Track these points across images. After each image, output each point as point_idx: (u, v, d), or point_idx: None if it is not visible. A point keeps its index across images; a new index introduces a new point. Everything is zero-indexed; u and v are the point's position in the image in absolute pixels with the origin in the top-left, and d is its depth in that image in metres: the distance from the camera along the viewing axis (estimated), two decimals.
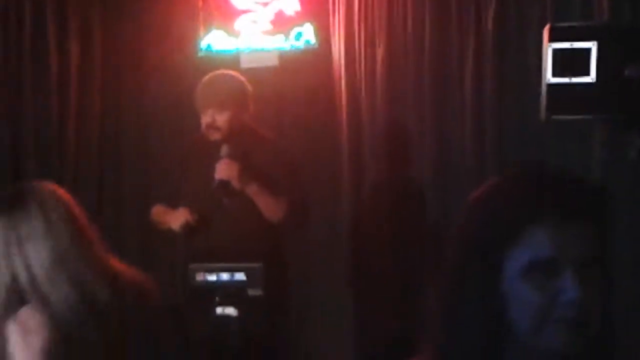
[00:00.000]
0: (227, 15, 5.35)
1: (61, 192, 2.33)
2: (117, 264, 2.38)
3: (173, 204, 4.11)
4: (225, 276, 3.76)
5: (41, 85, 5.44)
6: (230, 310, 3.76)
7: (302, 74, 5.27)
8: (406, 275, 5.08)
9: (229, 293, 3.76)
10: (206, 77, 4.14)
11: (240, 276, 3.76)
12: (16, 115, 5.47)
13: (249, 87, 4.13)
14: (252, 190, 3.93)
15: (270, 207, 3.96)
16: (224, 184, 3.91)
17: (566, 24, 4.15)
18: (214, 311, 3.76)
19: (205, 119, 4.03)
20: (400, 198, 5.18)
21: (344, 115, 5.22)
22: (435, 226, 5.01)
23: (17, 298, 2.24)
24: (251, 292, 3.75)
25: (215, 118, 4.01)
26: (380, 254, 5.16)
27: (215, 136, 4.01)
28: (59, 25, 5.50)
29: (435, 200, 5.01)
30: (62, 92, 5.48)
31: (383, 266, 5.14)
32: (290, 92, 5.26)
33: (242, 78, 4.16)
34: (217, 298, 3.77)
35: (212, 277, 3.77)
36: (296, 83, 5.26)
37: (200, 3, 5.36)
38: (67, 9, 5.52)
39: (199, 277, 3.79)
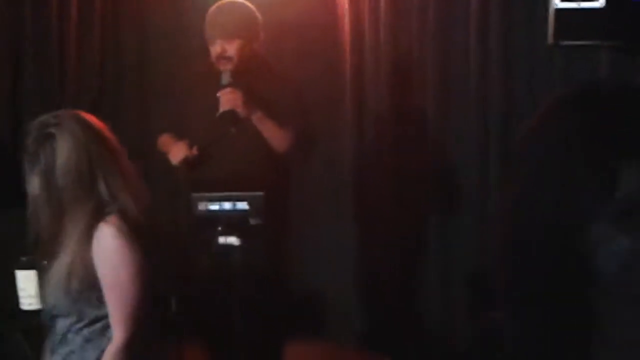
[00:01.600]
0: None
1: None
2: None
3: (178, 134, 4.07)
4: (227, 205, 3.72)
5: (41, 13, 5.37)
6: (233, 240, 3.73)
7: (306, 4, 5.18)
8: (409, 207, 5.07)
9: (231, 222, 3.73)
10: (214, 6, 4.05)
11: (242, 205, 3.72)
12: (17, 44, 5.41)
13: (259, 15, 4.04)
14: (257, 117, 3.88)
15: (275, 135, 3.91)
16: (230, 113, 3.86)
17: None
18: (217, 240, 3.74)
19: (215, 49, 3.96)
20: (403, 128, 5.13)
21: (347, 43, 5.16)
22: (438, 156, 4.97)
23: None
24: (253, 221, 3.72)
25: (225, 48, 3.93)
26: (383, 186, 5.14)
27: (227, 67, 3.94)
28: None
29: (438, 130, 4.95)
30: (62, 26, 5.42)
31: (385, 198, 5.12)
32: (294, 21, 5.18)
33: (252, 6, 4.07)
34: (219, 227, 3.74)
35: (215, 207, 3.73)
36: (299, 10, 5.16)
37: None
38: None
39: (201, 206, 3.75)
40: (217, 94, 3.88)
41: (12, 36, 5.39)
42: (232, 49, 3.93)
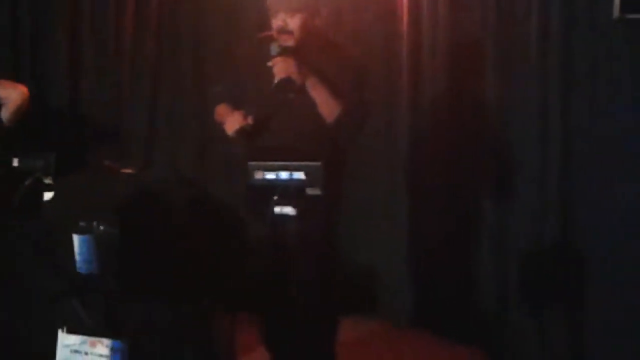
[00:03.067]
0: None
1: None
2: None
3: (235, 104, 4.06)
4: (284, 175, 3.70)
5: None
6: (289, 210, 3.71)
7: None
8: (462, 181, 5.04)
9: (287, 192, 3.71)
10: None
11: (299, 175, 3.70)
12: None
13: None
14: (312, 83, 3.86)
15: (327, 104, 3.89)
16: (285, 81, 3.84)
17: None
18: (272, 210, 3.72)
19: (277, 23, 3.94)
20: (459, 109, 5.09)
21: (405, 25, 5.14)
22: (494, 132, 4.91)
23: None
24: (310, 191, 3.69)
25: (287, 22, 3.91)
26: (437, 161, 5.12)
27: (288, 42, 3.92)
28: None
29: (497, 110, 4.90)
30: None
31: (439, 173, 5.10)
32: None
33: None
34: (275, 197, 3.72)
35: (271, 176, 3.71)
36: None
37: None
38: None
39: (258, 175, 3.73)
40: (268, 64, 3.87)
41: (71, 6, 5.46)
42: (294, 23, 3.91)
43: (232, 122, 3.97)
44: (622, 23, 4.12)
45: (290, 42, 3.91)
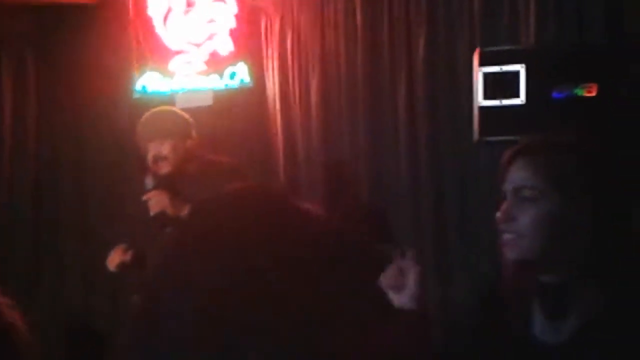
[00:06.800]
0: (161, 57, 5.39)
1: None
2: None
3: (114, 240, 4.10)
4: None
5: None
6: None
7: (238, 113, 5.31)
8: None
9: None
10: (144, 116, 4.14)
11: None
12: None
13: (188, 117, 4.15)
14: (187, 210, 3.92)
15: None
16: (160, 215, 3.91)
17: (495, 48, 4.27)
18: None
19: (150, 153, 4.02)
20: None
21: (280, 152, 5.27)
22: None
23: None
24: None
25: (160, 149, 4.00)
26: None
27: (165, 168, 3.99)
28: None
29: None
30: None
31: None
32: (226, 131, 5.28)
33: (180, 111, 4.21)
34: None
35: None
36: (232, 122, 5.28)
37: (135, 44, 5.39)
38: (0, 50, 5.54)
39: None
40: (143, 198, 3.94)
41: None
42: (165, 149, 4.00)
43: (112, 257, 4.00)
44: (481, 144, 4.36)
45: (166, 168, 4.00)
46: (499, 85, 4.11)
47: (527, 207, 1.77)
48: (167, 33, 5.37)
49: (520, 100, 4.10)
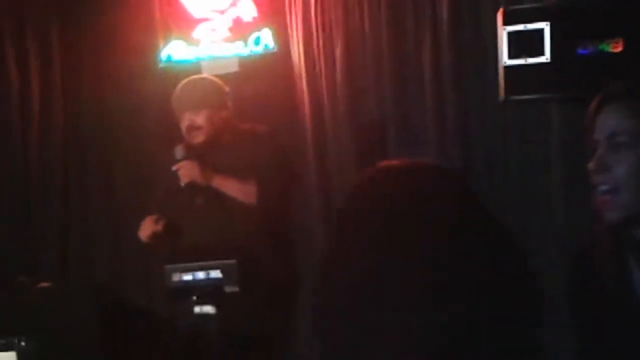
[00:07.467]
0: (186, 25, 5.40)
1: None
2: None
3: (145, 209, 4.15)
4: (200, 275, 3.78)
5: (3, 101, 5.48)
6: (208, 309, 3.77)
7: (263, 79, 5.30)
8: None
9: (205, 291, 3.78)
10: (179, 84, 4.15)
11: (215, 274, 3.78)
12: None
13: (225, 86, 4.16)
14: (218, 182, 3.96)
15: (241, 192, 3.96)
16: (190, 186, 3.95)
17: (518, 7, 4.26)
18: (192, 310, 3.78)
19: (184, 123, 4.04)
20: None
21: (307, 117, 5.27)
22: None
23: None
24: (228, 289, 3.77)
25: (194, 119, 4.02)
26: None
27: (198, 138, 4.02)
28: (18, 43, 5.55)
29: None
30: (23, 107, 5.52)
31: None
32: (252, 97, 5.29)
33: (216, 78, 4.21)
34: (194, 297, 3.78)
35: (188, 277, 3.78)
36: (257, 88, 5.28)
37: (158, 14, 5.41)
38: (26, 28, 5.57)
39: (175, 277, 3.80)
40: (173, 168, 3.97)
41: None
42: (200, 119, 4.01)
43: (144, 227, 4.04)
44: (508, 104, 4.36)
45: (200, 137, 4.02)
46: (524, 44, 4.11)
47: (623, 154, 1.72)
48: (190, 1, 5.38)
49: (546, 58, 4.10)
